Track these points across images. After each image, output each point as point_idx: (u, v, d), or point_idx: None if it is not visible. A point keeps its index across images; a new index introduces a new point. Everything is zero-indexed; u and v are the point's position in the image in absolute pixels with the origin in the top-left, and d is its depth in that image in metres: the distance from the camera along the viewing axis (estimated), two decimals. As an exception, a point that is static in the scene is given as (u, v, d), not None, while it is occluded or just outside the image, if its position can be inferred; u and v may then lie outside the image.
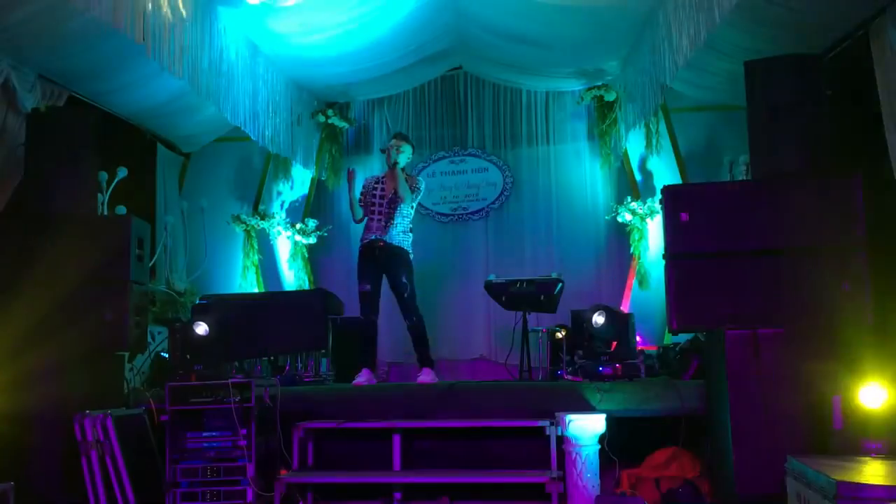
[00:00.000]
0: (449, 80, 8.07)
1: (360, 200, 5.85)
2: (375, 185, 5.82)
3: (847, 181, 4.23)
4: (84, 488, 4.31)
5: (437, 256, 7.55)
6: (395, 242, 5.61)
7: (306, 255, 7.90)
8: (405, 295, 5.53)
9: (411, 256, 5.74)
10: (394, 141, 5.78)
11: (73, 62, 5.55)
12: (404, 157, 5.76)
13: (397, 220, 5.65)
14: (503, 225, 7.86)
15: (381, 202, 5.70)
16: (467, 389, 4.92)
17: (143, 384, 5.60)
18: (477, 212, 7.88)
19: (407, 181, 5.69)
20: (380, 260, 5.59)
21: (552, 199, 7.78)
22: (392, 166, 5.66)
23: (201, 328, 4.95)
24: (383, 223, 5.63)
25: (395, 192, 5.64)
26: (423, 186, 5.81)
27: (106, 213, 6.01)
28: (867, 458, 3.51)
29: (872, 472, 3.13)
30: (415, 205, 5.84)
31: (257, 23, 6.06)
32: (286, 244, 7.87)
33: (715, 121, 7.23)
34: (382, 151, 5.81)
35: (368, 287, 5.56)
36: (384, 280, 5.72)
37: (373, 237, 5.64)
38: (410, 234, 5.78)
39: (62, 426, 4.41)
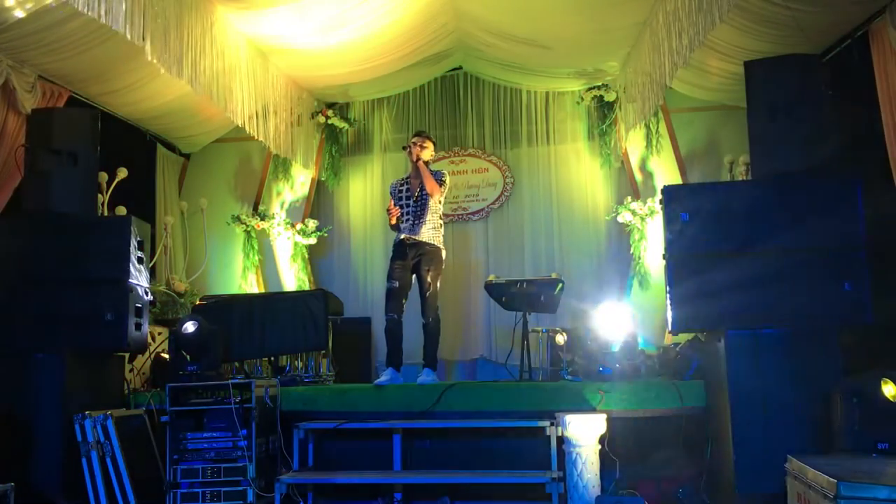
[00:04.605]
0: (449, 80, 8.08)
1: (390, 206, 5.82)
2: (401, 188, 5.77)
3: (847, 181, 4.23)
4: (84, 488, 4.31)
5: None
6: (424, 240, 5.57)
7: (306, 256, 7.91)
8: (427, 293, 5.50)
9: (443, 254, 5.68)
10: (416, 139, 5.71)
11: (74, 63, 5.56)
12: (427, 152, 5.71)
13: (426, 216, 5.59)
14: (503, 225, 7.87)
15: (408, 202, 5.66)
16: (467, 389, 4.91)
17: (143, 385, 5.60)
18: (477, 212, 7.89)
19: (432, 175, 5.62)
20: (409, 257, 5.55)
21: (552, 199, 7.78)
22: (415, 162, 5.61)
23: (190, 326, 4.94)
24: (412, 222, 5.59)
25: (422, 189, 5.61)
26: (448, 179, 5.75)
27: (106, 213, 6.01)
28: (869, 458, 3.51)
29: (874, 471, 3.12)
30: (443, 199, 5.77)
31: (258, 23, 6.06)
32: (286, 244, 7.87)
33: (715, 121, 7.24)
34: (404, 149, 5.75)
35: (396, 284, 5.49)
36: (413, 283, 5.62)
37: (402, 236, 5.62)
38: (441, 230, 5.71)
39: (62, 426, 4.41)
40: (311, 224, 7.84)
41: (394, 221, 5.69)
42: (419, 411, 4.75)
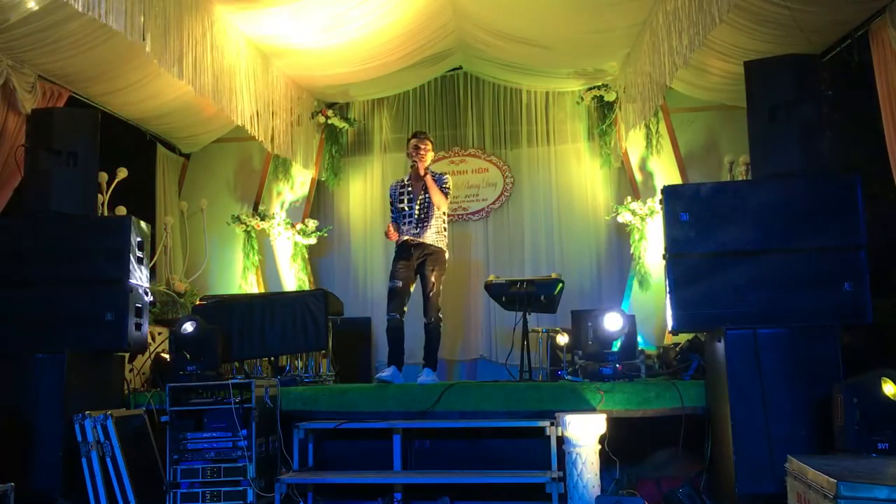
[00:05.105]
0: (449, 80, 8.08)
1: (391, 209, 5.81)
2: (402, 190, 5.74)
3: (847, 181, 4.23)
4: (84, 488, 4.30)
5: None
6: (428, 242, 5.58)
7: (306, 256, 7.91)
8: (430, 293, 5.51)
9: (446, 255, 5.69)
10: (414, 141, 5.67)
11: (74, 63, 5.56)
12: (430, 154, 5.67)
13: (431, 221, 5.59)
14: (503, 225, 7.87)
15: (410, 206, 5.64)
16: (467, 389, 4.91)
17: (143, 385, 5.61)
18: (477, 212, 7.89)
19: (436, 183, 5.59)
20: (414, 257, 5.55)
21: (552, 199, 7.79)
22: (424, 175, 5.56)
23: (190, 326, 4.94)
24: (415, 225, 5.59)
25: (425, 192, 5.57)
26: (451, 185, 5.72)
27: (106, 213, 6.01)
28: (869, 458, 3.50)
29: (874, 471, 3.12)
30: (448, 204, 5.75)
31: (258, 23, 6.06)
32: (286, 245, 7.87)
33: (715, 121, 7.24)
34: (412, 167, 5.70)
35: (399, 283, 5.51)
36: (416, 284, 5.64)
37: (406, 238, 5.61)
38: (445, 233, 5.70)
39: (62, 426, 4.41)
40: (311, 224, 7.84)
41: (393, 239, 5.66)
42: (419, 411, 4.75)
